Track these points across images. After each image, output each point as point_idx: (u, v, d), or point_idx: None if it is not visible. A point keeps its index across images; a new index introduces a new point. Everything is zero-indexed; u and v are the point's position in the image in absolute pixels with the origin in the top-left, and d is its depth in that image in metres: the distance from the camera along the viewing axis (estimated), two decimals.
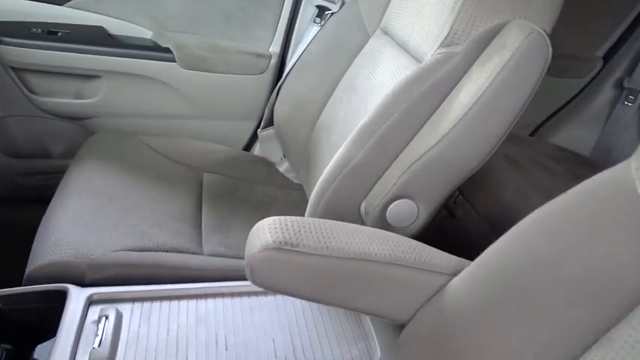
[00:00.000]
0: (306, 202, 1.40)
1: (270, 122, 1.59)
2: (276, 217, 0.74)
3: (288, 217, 0.74)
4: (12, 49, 1.47)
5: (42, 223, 1.17)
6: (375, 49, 1.31)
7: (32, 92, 1.56)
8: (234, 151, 1.65)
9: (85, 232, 1.11)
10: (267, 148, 1.63)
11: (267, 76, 1.63)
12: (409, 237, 0.92)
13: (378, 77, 1.23)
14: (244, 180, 1.51)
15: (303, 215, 1.41)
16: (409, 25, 1.20)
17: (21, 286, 1.01)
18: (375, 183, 0.99)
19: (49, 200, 1.31)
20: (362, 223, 1.01)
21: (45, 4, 1.51)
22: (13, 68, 1.52)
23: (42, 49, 1.47)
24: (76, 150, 1.55)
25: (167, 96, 1.60)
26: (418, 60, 1.12)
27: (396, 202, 0.97)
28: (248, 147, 1.72)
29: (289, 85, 1.53)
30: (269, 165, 1.62)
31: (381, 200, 0.97)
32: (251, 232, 0.75)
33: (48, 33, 1.50)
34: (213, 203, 1.37)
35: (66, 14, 1.52)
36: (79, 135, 1.67)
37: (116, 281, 1.05)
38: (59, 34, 1.51)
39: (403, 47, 1.20)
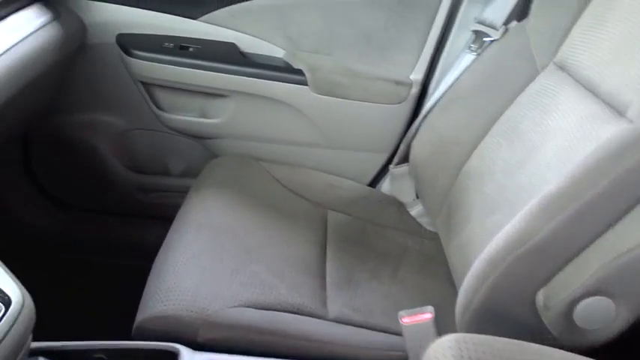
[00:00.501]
0: (442, 254, 1.21)
1: (405, 159, 1.41)
2: (457, 338, 0.55)
3: (471, 337, 0.55)
4: (143, 64, 1.40)
5: (157, 261, 1.07)
6: (548, 88, 1.08)
7: (158, 107, 1.50)
8: (362, 187, 1.49)
9: (201, 278, 0.99)
10: (398, 186, 1.45)
11: (406, 107, 1.44)
12: (594, 342, 0.70)
13: (553, 124, 1.00)
14: (373, 223, 1.34)
15: (438, 270, 1.22)
16: (601, 64, 0.97)
17: (133, 324, 0.95)
18: (562, 269, 0.77)
19: (165, 218, 1.24)
20: (534, 315, 0.80)
21: (180, 17, 1.43)
22: (142, 82, 1.46)
23: (172, 65, 1.40)
24: (196, 169, 1.48)
25: (295, 121, 1.47)
26: (616, 110, 0.89)
27: (589, 298, 0.75)
28: (374, 182, 1.55)
29: (432, 120, 1.34)
30: (400, 207, 1.44)
31: (570, 294, 0.75)
32: (427, 355, 0.57)
33: (180, 48, 1.42)
34: (338, 248, 1.21)
35: (199, 29, 1.44)
36: (200, 154, 1.59)
37: (230, 342, 0.92)
38: (190, 49, 1.43)
39: (591, 90, 0.97)
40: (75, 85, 1.48)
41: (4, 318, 0.67)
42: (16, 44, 1.12)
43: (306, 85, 1.41)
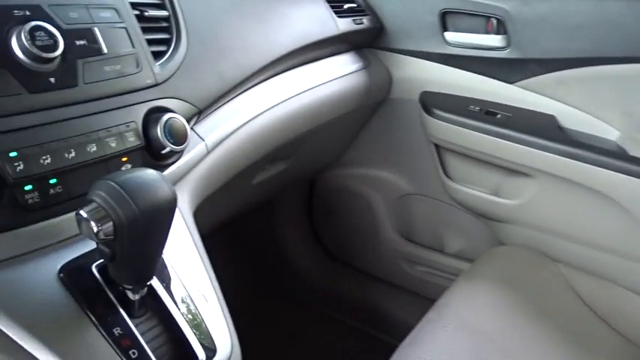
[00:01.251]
0: None
1: None
2: None
3: None
4: (441, 125, 1.26)
5: (401, 348, 0.88)
6: None
7: (448, 175, 1.34)
8: None
9: None
10: None
11: None
12: None
13: None
14: None
15: None
16: None
17: None
18: None
19: (426, 297, 1.16)
20: None
21: (493, 79, 1.25)
22: (436, 145, 1.32)
23: (474, 130, 1.22)
24: (473, 252, 1.25)
25: (615, 221, 1.12)
26: None
27: None
28: None
29: None
30: None
31: None
32: None
33: (486, 113, 1.24)
34: None
35: (513, 95, 1.24)
36: (482, 237, 1.36)
37: None
38: (498, 116, 1.23)
39: None
40: (368, 138, 1.44)
41: None
42: (330, 81, 1.15)
43: None
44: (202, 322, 0.64)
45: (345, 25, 1.20)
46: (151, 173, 0.55)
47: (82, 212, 0.51)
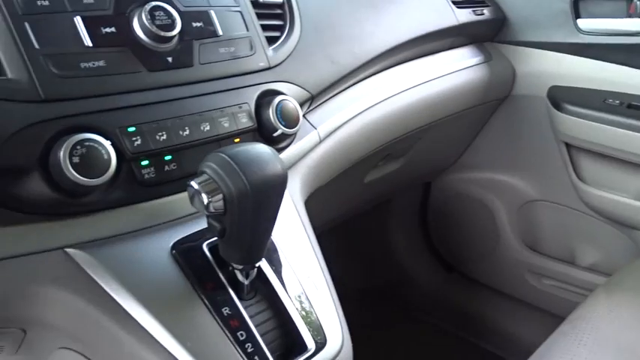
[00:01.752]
0: None
1: None
2: None
3: None
4: (574, 121, 1.14)
5: None
6: None
7: (580, 178, 1.21)
8: None
9: None
10: None
11: None
12: None
13: None
14: None
15: None
16: None
17: None
18: None
19: (553, 314, 1.07)
20: None
21: (637, 70, 1.11)
22: (566, 145, 1.19)
23: (614, 126, 1.09)
24: (611, 265, 1.12)
25: None
26: None
27: None
28: None
29: None
30: None
31: None
32: None
33: (628, 107, 1.10)
34: None
35: None
36: (622, 248, 1.21)
37: None
38: None
39: None
40: (488, 139, 1.34)
41: (314, 357, 0.54)
42: (448, 74, 1.09)
43: None
44: (312, 311, 0.60)
45: (464, 16, 1.13)
46: (262, 148, 0.53)
47: (192, 183, 0.50)
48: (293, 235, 0.67)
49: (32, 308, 0.54)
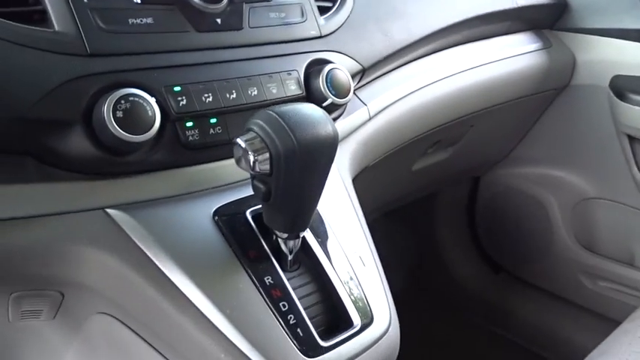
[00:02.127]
0: None
1: None
2: None
3: None
4: (636, 111, 1.07)
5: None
6: None
7: None
8: None
9: None
10: None
11: None
12: None
13: None
14: None
15: None
16: None
17: None
18: None
19: (609, 318, 1.04)
20: None
21: None
22: (629, 137, 1.12)
23: None
24: None
25: None
26: None
27: None
28: None
29: None
30: None
31: None
32: None
33: None
34: None
35: None
36: None
37: None
38: None
39: None
40: (544, 131, 1.27)
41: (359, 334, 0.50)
42: (504, 59, 1.04)
43: None
44: (359, 287, 0.57)
45: None
46: (313, 108, 0.50)
47: (238, 140, 0.48)
48: (341, 210, 0.64)
49: (70, 269, 0.52)
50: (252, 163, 0.47)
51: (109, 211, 0.52)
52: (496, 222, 1.43)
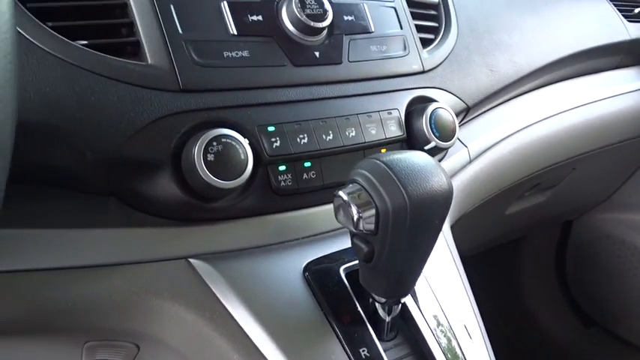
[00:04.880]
0: None
1: None
2: None
3: None
4: None
5: None
6: None
7: None
8: None
9: None
10: None
11: None
12: None
13: None
14: None
15: None
16: None
17: None
18: None
19: None
20: None
21: None
22: None
23: None
24: None
25: None
26: None
27: None
28: None
29: None
30: None
31: None
32: None
33: None
34: None
35: None
36: None
37: None
38: None
39: None
40: None
41: None
42: (615, 96, 0.94)
43: None
44: None
45: (637, 30, 0.97)
46: (424, 157, 0.43)
47: (341, 193, 0.42)
48: (442, 268, 0.57)
49: (148, 322, 0.48)
50: (355, 220, 0.41)
51: (192, 261, 0.47)
52: (590, 271, 1.30)
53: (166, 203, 0.46)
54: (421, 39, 0.64)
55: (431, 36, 0.67)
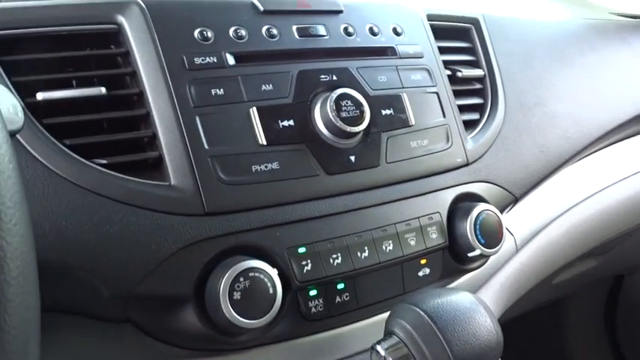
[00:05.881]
0: None
1: None
2: None
3: None
4: None
5: None
6: None
7: None
8: None
9: None
10: None
11: None
12: None
13: None
14: None
15: None
16: None
17: None
18: None
19: None
20: None
21: None
22: None
23: None
24: None
25: None
26: None
27: None
28: None
29: None
30: None
31: None
32: None
33: None
34: None
35: None
36: None
37: None
38: None
39: None
40: None
41: None
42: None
43: None
44: None
45: None
46: (471, 302, 0.39)
47: (378, 348, 0.38)
48: None
49: None
50: None
51: None
52: None
53: (187, 335, 0.43)
54: (465, 121, 0.59)
55: (476, 116, 0.62)
